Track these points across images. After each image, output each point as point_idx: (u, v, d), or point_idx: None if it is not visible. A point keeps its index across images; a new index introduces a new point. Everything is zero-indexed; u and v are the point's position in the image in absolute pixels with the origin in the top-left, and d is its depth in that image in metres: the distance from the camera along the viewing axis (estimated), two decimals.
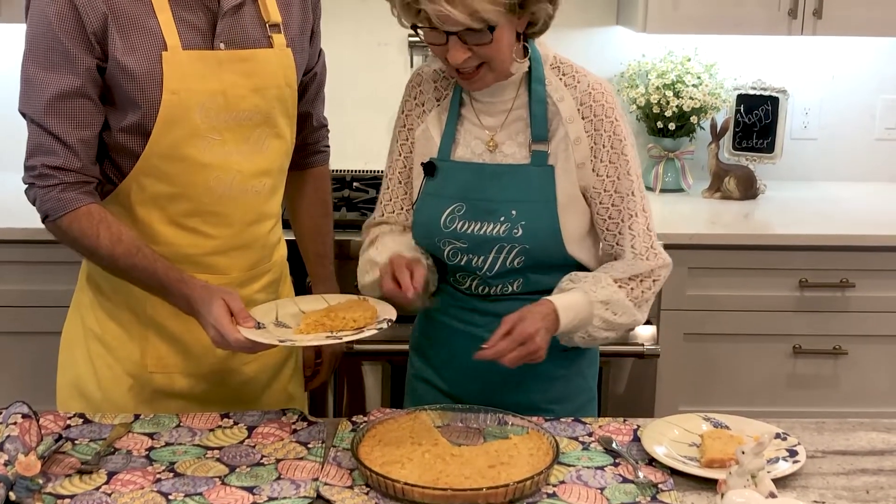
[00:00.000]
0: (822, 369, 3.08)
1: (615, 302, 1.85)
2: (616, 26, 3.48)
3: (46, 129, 1.85)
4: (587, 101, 1.86)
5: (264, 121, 1.97)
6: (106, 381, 2.01)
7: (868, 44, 3.50)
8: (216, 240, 1.96)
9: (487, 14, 1.71)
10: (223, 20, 1.91)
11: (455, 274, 1.95)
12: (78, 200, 1.87)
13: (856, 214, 3.22)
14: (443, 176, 1.92)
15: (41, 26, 1.85)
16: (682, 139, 3.42)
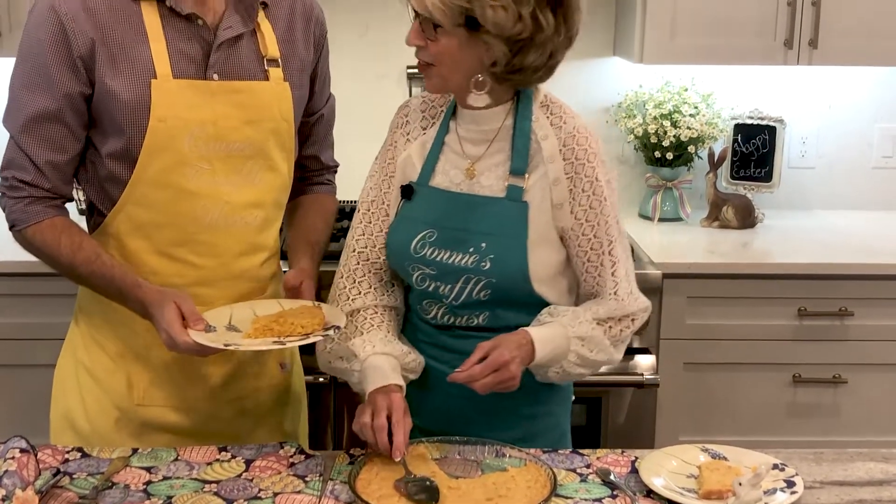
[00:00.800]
0: (822, 398, 3.07)
1: (592, 339, 1.83)
2: (613, 57, 3.49)
3: (21, 146, 1.90)
4: (570, 143, 1.85)
5: (257, 153, 1.96)
6: (94, 413, 2.00)
7: (864, 73, 3.51)
8: (202, 270, 1.95)
9: (433, 8, 1.73)
10: (218, 51, 1.91)
11: (422, 301, 1.93)
12: (43, 213, 1.92)
13: (854, 243, 3.22)
14: (418, 201, 1.91)
15: (31, 46, 1.88)
16: (679, 168, 3.42)
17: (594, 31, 3.45)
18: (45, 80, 1.87)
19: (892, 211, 3.57)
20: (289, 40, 2.02)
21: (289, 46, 2.01)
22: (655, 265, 2.95)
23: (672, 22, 3.13)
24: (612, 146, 3.53)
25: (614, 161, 3.54)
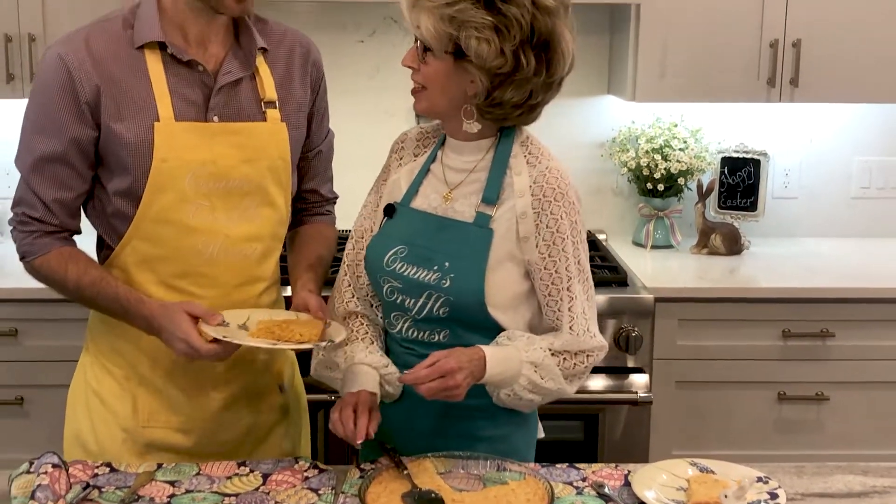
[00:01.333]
0: (805, 414, 3.06)
1: (544, 367, 1.81)
2: (608, 95, 3.51)
3: (30, 185, 1.93)
4: (541, 181, 1.84)
5: (255, 189, 1.97)
6: (102, 434, 2.00)
7: (842, 109, 3.52)
8: (204, 300, 1.93)
9: (426, 32, 1.76)
10: (217, 95, 1.93)
11: (390, 315, 1.94)
12: (51, 245, 1.94)
13: (835, 268, 3.23)
14: (398, 219, 1.93)
15: (41, 91, 1.91)
16: (670, 199, 3.43)
17: (590, 72, 3.47)
18: (53, 124, 1.89)
19: (871, 238, 3.58)
20: (286, 83, 2.02)
21: (286, 89, 2.02)
22: (648, 290, 2.96)
23: (662, 62, 3.15)
24: (607, 178, 3.55)
25: (609, 192, 3.56)
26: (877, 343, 3.03)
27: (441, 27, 1.75)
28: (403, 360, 1.93)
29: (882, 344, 3.03)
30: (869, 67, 3.16)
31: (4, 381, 2.93)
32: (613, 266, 3.10)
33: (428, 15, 1.76)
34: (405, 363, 1.91)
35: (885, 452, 3.03)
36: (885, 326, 3.02)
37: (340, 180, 2.26)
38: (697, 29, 3.13)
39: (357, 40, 3.42)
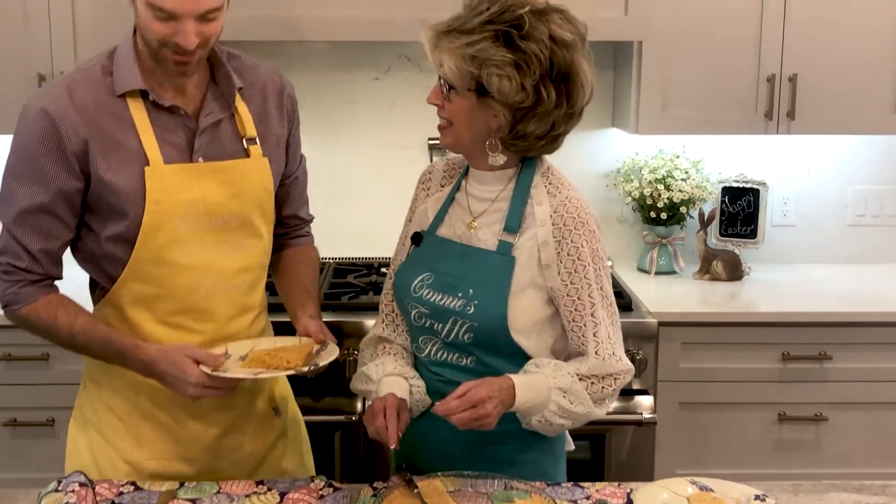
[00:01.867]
0: (804, 434, 3.05)
1: (573, 392, 1.80)
2: (612, 128, 3.52)
3: (14, 236, 1.88)
4: (561, 210, 1.84)
5: (242, 223, 1.95)
6: (105, 469, 1.98)
7: (838, 141, 3.52)
8: (201, 334, 1.93)
9: (449, 72, 1.77)
10: (200, 137, 1.91)
11: (419, 339, 1.94)
12: (38, 293, 1.91)
13: (832, 293, 3.22)
14: (425, 247, 1.94)
15: (24, 143, 1.86)
16: (673, 227, 3.43)
17: (595, 106, 3.40)
18: (38, 176, 1.84)
19: (866, 264, 3.57)
20: (264, 118, 2.01)
21: (264, 124, 2.01)
22: (652, 314, 2.95)
23: (663, 97, 3.15)
24: (613, 207, 3.55)
25: (614, 220, 3.57)
26: (873, 365, 3.01)
27: (463, 66, 1.75)
28: (433, 386, 1.92)
29: (879, 366, 3.01)
30: (862, 101, 3.16)
31: (36, 403, 2.95)
32: (618, 291, 3.09)
33: (450, 55, 1.76)
34: (434, 390, 1.91)
35: (883, 471, 3.01)
36: (882, 349, 3.00)
37: (360, 211, 2.25)
38: (697, 64, 3.14)
39: (373, 77, 3.44)
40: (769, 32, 3.12)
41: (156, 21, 1.78)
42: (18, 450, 2.98)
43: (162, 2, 1.75)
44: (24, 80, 3.03)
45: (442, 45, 1.77)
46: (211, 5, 1.79)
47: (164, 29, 1.78)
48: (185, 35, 1.78)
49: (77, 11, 3.04)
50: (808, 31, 3.12)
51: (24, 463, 2.96)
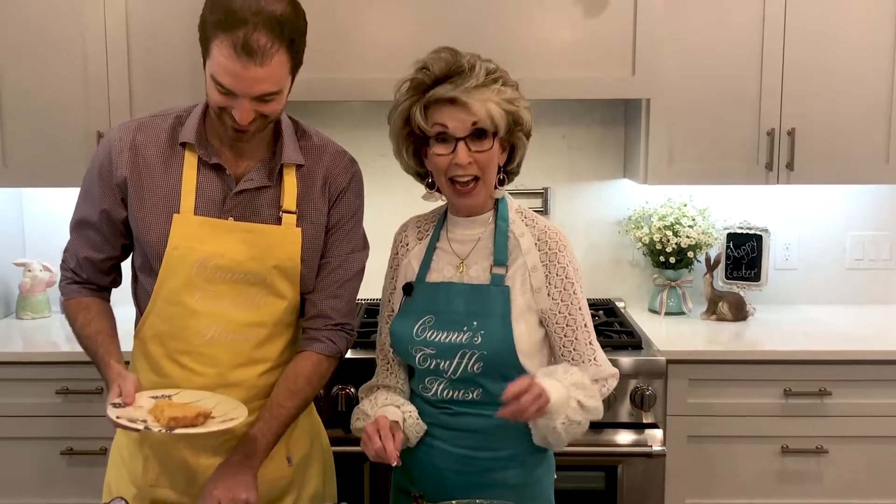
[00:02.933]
0: (806, 466, 2.98)
1: (584, 385, 1.82)
2: (623, 179, 3.50)
3: (72, 239, 2.00)
4: (543, 237, 1.90)
5: (260, 282, 1.92)
6: (121, 487, 2.00)
7: (835, 190, 3.49)
8: (203, 377, 1.91)
9: (496, 117, 1.80)
10: (235, 197, 1.90)
11: (424, 380, 1.92)
12: (76, 293, 2.01)
13: (832, 333, 3.17)
14: (417, 295, 1.93)
15: (92, 163, 1.98)
16: (682, 270, 3.40)
17: (607, 158, 3.49)
18: (91, 195, 1.96)
19: (864, 305, 3.52)
20: (309, 197, 1.96)
21: (308, 202, 1.95)
22: (662, 352, 2.92)
23: (670, 150, 3.14)
24: (625, 252, 3.53)
25: (626, 264, 3.55)
26: (871, 401, 2.95)
27: (501, 110, 1.81)
28: (439, 419, 1.92)
29: (876, 402, 2.95)
30: (856, 153, 3.13)
31: (91, 433, 2.95)
32: (630, 331, 3.07)
33: (490, 104, 1.80)
34: (441, 423, 1.91)
35: (881, 502, 2.97)
36: (879, 386, 2.95)
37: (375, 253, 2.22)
38: (701, 120, 3.13)
39: None
40: (768, 90, 3.10)
41: (216, 92, 1.79)
42: (74, 476, 2.98)
43: (221, 78, 1.75)
44: (83, 137, 3.09)
45: (474, 99, 1.79)
46: (266, 90, 1.76)
47: (224, 101, 1.79)
48: (240, 111, 1.78)
49: (133, 74, 3.09)
50: (804, 89, 3.10)
51: (78, 488, 2.97)
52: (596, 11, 2.88)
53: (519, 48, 2.88)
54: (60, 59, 3.08)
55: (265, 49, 1.70)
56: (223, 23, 1.71)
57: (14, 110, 3.10)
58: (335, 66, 2.89)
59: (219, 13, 1.72)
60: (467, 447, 1.89)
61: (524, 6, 2.88)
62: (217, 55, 1.73)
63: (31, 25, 3.07)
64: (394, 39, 2.87)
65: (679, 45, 3.07)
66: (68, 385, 2.93)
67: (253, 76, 1.72)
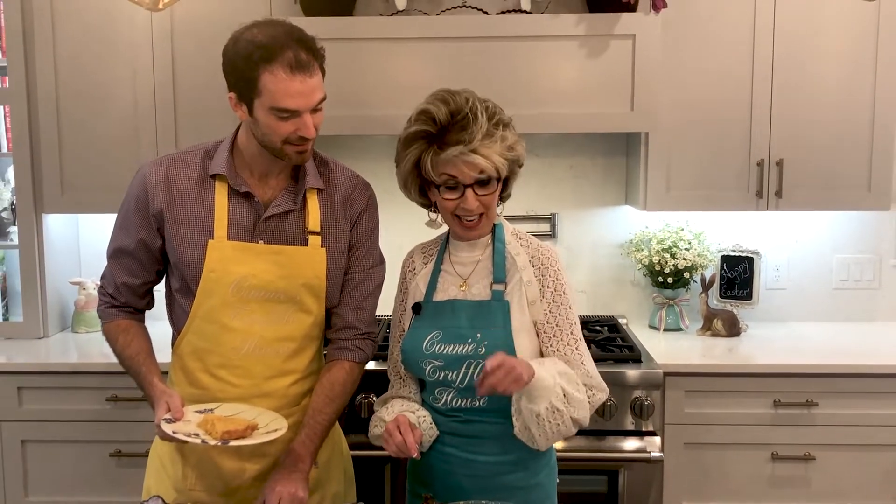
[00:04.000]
0: (795, 472, 2.97)
1: (571, 376, 1.81)
2: (625, 205, 3.52)
3: (109, 267, 2.02)
4: (537, 255, 1.92)
5: (290, 299, 1.94)
6: (162, 492, 2.00)
7: (821, 216, 3.49)
8: (239, 388, 1.94)
9: (500, 166, 1.83)
10: (264, 223, 1.93)
11: (434, 391, 1.93)
12: (115, 316, 2.02)
13: (818, 348, 3.16)
14: (425, 313, 1.95)
15: (127, 196, 1.99)
16: (679, 290, 3.40)
17: (610, 186, 3.50)
18: (128, 225, 1.97)
19: (849, 323, 3.51)
20: (331, 219, 1.99)
21: (331, 223, 1.99)
22: (660, 365, 2.92)
23: (668, 179, 3.15)
24: (626, 273, 3.54)
25: (628, 284, 3.55)
26: (855, 411, 2.94)
27: (505, 159, 1.83)
28: (450, 427, 1.93)
29: (860, 412, 2.94)
30: (840, 182, 3.13)
31: (137, 437, 2.98)
32: (631, 346, 3.07)
33: (494, 155, 1.81)
34: (451, 430, 1.92)
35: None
36: (862, 397, 2.93)
37: None
38: (696, 151, 3.14)
39: None
40: (758, 123, 3.11)
41: (280, 122, 1.82)
42: (122, 477, 3.01)
43: (285, 103, 1.79)
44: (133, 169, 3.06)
45: (481, 156, 1.80)
46: (319, 97, 1.84)
47: (288, 128, 1.83)
48: (306, 127, 1.83)
49: (178, 112, 3.14)
50: (792, 123, 3.10)
51: (126, 488, 3.00)
52: (598, 54, 2.91)
53: (529, 87, 2.92)
54: (113, 99, 3.14)
55: (308, 61, 1.79)
56: (267, 56, 1.76)
57: (72, 145, 3.17)
58: (364, 105, 2.93)
59: (257, 51, 1.77)
60: (476, 452, 1.90)
61: (534, 50, 2.91)
62: (272, 85, 1.77)
63: (87, 69, 3.13)
64: (417, 80, 2.90)
65: (674, 83, 3.09)
66: (117, 393, 2.97)
67: (310, 87, 1.80)
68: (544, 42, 2.91)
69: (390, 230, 2.24)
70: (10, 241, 3.38)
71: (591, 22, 2.89)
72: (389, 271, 2.13)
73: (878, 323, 3.52)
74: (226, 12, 3.05)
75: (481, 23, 2.93)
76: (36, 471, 3.03)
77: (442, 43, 2.91)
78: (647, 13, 2.94)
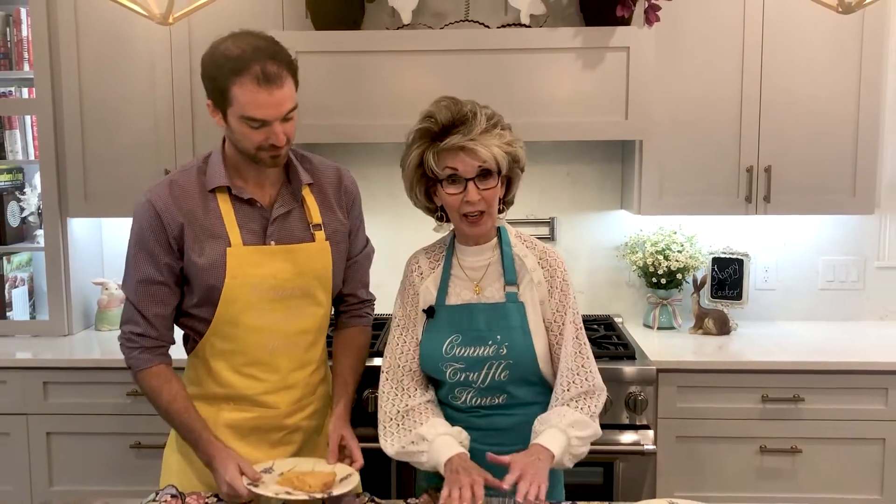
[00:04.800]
0: (782, 464, 2.95)
1: (578, 421, 1.80)
2: (620, 210, 3.51)
3: (133, 304, 1.91)
4: (545, 256, 1.92)
5: (304, 294, 1.95)
6: (186, 485, 1.98)
7: (808, 219, 3.47)
8: (266, 383, 1.94)
9: (497, 159, 1.81)
10: (273, 225, 1.93)
11: (454, 390, 1.91)
12: (150, 361, 1.92)
13: (805, 346, 3.14)
14: (440, 317, 1.93)
15: (137, 228, 1.91)
16: (672, 290, 3.39)
17: (606, 192, 3.49)
18: (149, 254, 1.89)
19: (834, 322, 3.49)
20: (327, 209, 2.02)
21: (327, 213, 2.01)
22: (653, 362, 2.91)
23: (661, 184, 3.14)
24: (622, 274, 3.52)
25: (623, 285, 3.54)
26: (840, 406, 2.92)
27: (504, 152, 1.83)
28: (468, 422, 1.91)
29: (845, 407, 2.92)
30: (826, 187, 3.12)
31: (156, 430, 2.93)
32: (625, 343, 3.06)
33: (494, 148, 1.81)
34: (469, 425, 1.90)
35: (849, 497, 2.93)
36: (847, 393, 2.92)
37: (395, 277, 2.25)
38: (688, 158, 3.13)
39: None
40: (747, 132, 3.10)
41: (251, 131, 1.82)
42: (142, 467, 3.01)
43: (254, 113, 1.80)
44: (153, 174, 3.14)
45: (481, 146, 1.80)
46: (289, 107, 1.83)
47: (259, 136, 1.83)
48: (276, 136, 1.83)
49: (195, 120, 3.15)
50: (779, 131, 3.09)
51: (145, 477, 2.99)
52: (594, 65, 2.90)
53: (528, 97, 2.91)
54: (134, 109, 3.15)
55: (278, 73, 1.79)
56: (237, 68, 1.78)
57: (95, 153, 3.18)
58: (371, 114, 2.93)
59: (228, 63, 1.79)
60: (493, 444, 1.88)
61: (533, 62, 2.90)
62: (241, 96, 1.79)
63: (109, 81, 3.14)
64: (421, 91, 2.90)
65: (667, 93, 3.08)
66: (136, 388, 2.96)
67: (278, 99, 1.79)
68: (542, 54, 2.90)
69: (399, 232, 2.25)
70: (36, 244, 3.39)
71: (587, 35, 2.89)
72: (391, 267, 2.13)
73: (862, 322, 3.50)
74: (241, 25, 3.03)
75: (483, 36, 2.92)
76: (60, 461, 3.03)
77: (445, 55, 2.91)
78: (641, 27, 2.93)
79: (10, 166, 3.40)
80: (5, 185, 3.37)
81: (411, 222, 2.23)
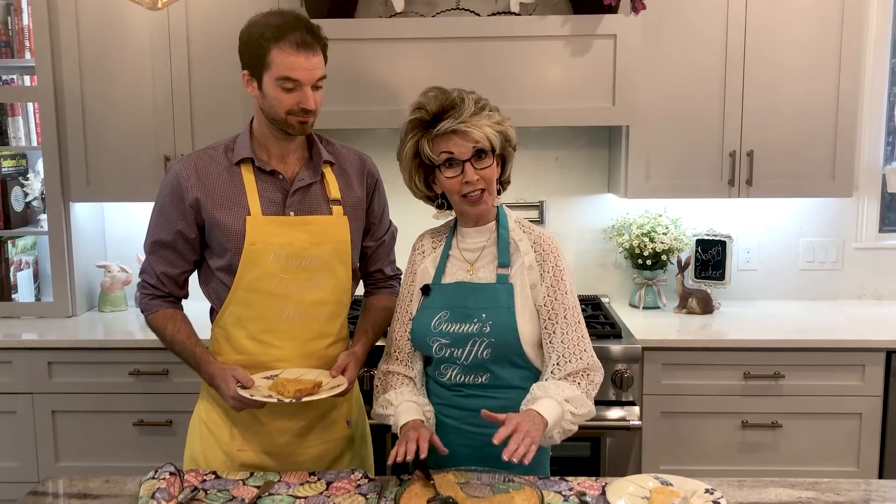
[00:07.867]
0: (763, 439, 2.95)
1: (575, 397, 1.78)
2: (607, 193, 3.48)
3: (148, 261, 2.00)
4: (538, 241, 1.89)
5: (323, 266, 1.96)
6: (209, 456, 2.00)
7: (789, 202, 3.45)
8: (282, 350, 1.95)
9: (490, 138, 1.80)
10: (293, 196, 1.96)
11: (440, 366, 1.90)
12: (158, 306, 2.01)
13: (785, 325, 3.12)
14: (434, 294, 1.92)
15: (161, 192, 1.99)
16: (657, 271, 3.38)
17: (593, 176, 3.46)
18: (164, 219, 1.97)
19: (814, 301, 3.48)
20: (347, 187, 2.04)
21: (347, 191, 2.03)
22: (639, 341, 2.90)
23: (647, 168, 3.12)
24: (609, 256, 3.51)
25: (610, 266, 3.52)
26: (819, 382, 2.91)
27: (495, 132, 1.82)
28: (452, 401, 1.90)
29: (823, 383, 2.91)
30: (806, 171, 3.09)
31: (158, 408, 2.98)
32: (612, 322, 3.05)
33: (486, 129, 1.80)
34: (454, 404, 1.89)
35: (827, 469, 2.93)
36: (826, 370, 2.91)
37: None
38: (673, 144, 3.10)
39: None
40: (730, 118, 3.07)
41: (285, 94, 1.88)
42: (144, 445, 3.00)
43: (291, 73, 1.86)
44: (153, 160, 3.12)
45: (472, 127, 1.79)
46: (320, 74, 1.90)
47: (291, 99, 1.88)
48: (307, 99, 1.89)
49: (194, 108, 3.11)
50: (761, 117, 3.07)
51: (147, 454, 2.99)
52: (582, 53, 2.87)
53: (518, 84, 2.88)
54: (133, 95, 3.11)
55: (312, 43, 1.88)
56: (278, 35, 1.85)
57: (96, 139, 3.14)
58: (365, 100, 2.90)
59: (270, 30, 1.86)
60: (475, 425, 1.85)
61: (522, 49, 2.87)
62: (279, 58, 1.85)
63: (109, 68, 3.10)
64: (414, 77, 2.87)
65: (653, 80, 3.05)
66: (140, 367, 2.96)
67: (313, 64, 1.87)
68: (532, 42, 2.87)
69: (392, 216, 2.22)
70: (40, 228, 3.36)
71: (575, 23, 2.85)
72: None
73: (840, 301, 3.49)
74: (237, 13, 3.00)
75: (473, 24, 2.89)
76: (65, 438, 3.02)
77: (437, 43, 2.87)
78: (628, 14, 2.89)
79: (13, 152, 3.37)
80: (9, 170, 3.33)
81: (402, 206, 2.21)
